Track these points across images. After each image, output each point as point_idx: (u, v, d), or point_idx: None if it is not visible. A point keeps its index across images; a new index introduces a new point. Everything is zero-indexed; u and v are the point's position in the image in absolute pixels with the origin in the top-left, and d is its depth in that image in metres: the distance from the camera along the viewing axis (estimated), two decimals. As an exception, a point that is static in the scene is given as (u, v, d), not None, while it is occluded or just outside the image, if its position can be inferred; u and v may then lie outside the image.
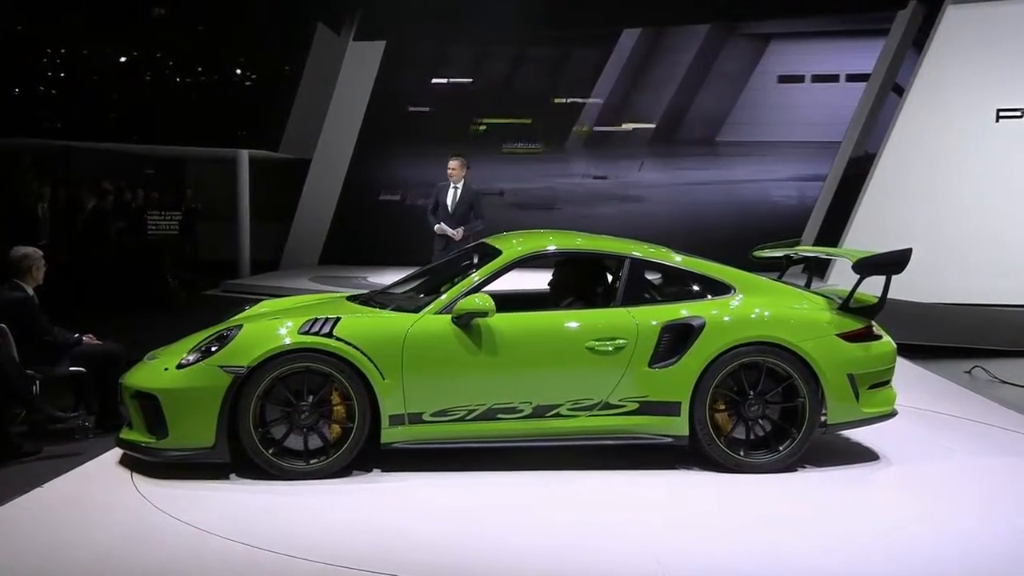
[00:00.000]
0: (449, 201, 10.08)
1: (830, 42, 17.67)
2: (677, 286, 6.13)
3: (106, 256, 13.23)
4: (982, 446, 6.38)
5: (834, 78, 17.47)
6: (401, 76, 18.00)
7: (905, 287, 11.59)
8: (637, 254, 5.93)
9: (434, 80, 18.20)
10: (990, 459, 6.05)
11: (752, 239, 7.27)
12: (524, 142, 17.96)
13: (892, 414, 5.85)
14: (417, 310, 5.64)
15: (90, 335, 6.74)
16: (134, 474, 5.46)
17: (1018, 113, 14.80)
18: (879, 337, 5.80)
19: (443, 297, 5.66)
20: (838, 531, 4.72)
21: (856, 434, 6.26)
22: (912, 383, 8.26)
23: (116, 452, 5.87)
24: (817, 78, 17.55)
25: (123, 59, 17.92)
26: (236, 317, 6.23)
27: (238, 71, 18.25)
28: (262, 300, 7.21)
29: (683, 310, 5.64)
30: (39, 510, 4.91)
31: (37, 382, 6.25)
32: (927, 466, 5.89)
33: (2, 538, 4.51)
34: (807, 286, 6.47)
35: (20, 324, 6.30)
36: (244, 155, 17.16)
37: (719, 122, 17.73)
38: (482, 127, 18.03)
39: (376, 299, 6.20)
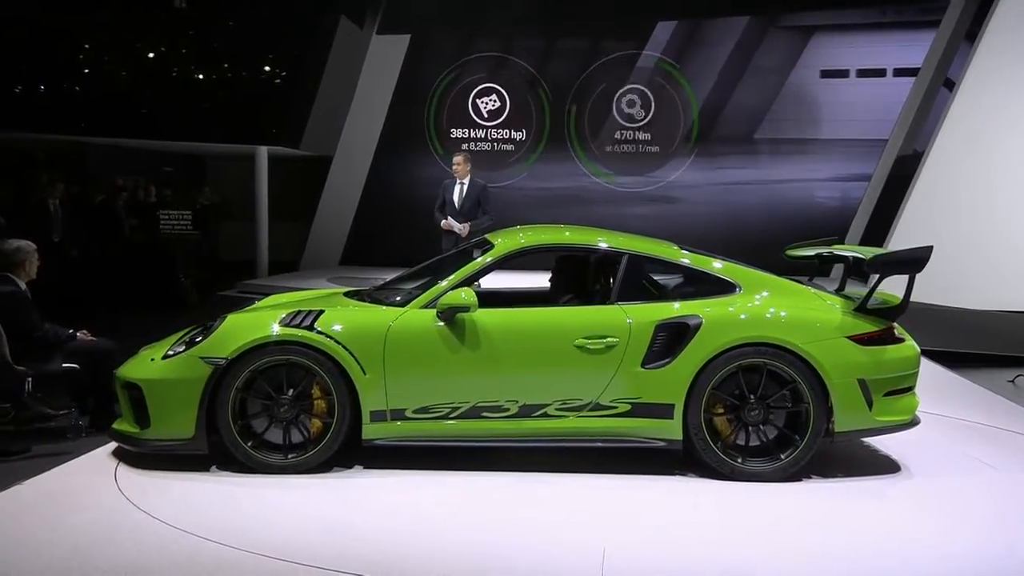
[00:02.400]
0: (456, 197, 10.22)
1: (876, 34, 17.27)
2: (680, 284, 6.07)
3: (115, 253, 13.42)
4: (1010, 459, 6.21)
5: (880, 72, 17.08)
6: (426, 73, 17.94)
7: (956, 292, 11.58)
8: (634, 250, 5.88)
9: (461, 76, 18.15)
10: (1017, 474, 5.89)
11: (793, 241, 7.16)
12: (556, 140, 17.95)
13: (912, 423, 5.69)
14: (404, 304, 5.72)
15: (84, 331, 6.87)
16: (118, 469, 5.61)
17: (1078, 108, 14.49)
18: (900, 340, 5.63)
19: (428, 292, 5.72)
20: (811, 544, 4.66)
21: (878, 444, 6.19)
22: (948, 391, 8.29)
23: (104, 449, 6.03)
24: (862, 72, 17.16)
25: (151, 55, 18.09)
26: (238, 311, 6.36)
27: (258, 66, 18.27)
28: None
29: (680, 308, 5.57)
30: (15, 507, 5.04)
31: (29, 379, 6.40)
32: (943, 480, 5.72)
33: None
34: (841, 287, 6.40)
35: (11, 319, 6.41)
36: (263, 152, 17.19)
37: (758, 119, 17.41)
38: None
39: (372, 294, 6.28)
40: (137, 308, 12.53)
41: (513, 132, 17.98)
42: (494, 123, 18.04)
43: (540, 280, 6.76)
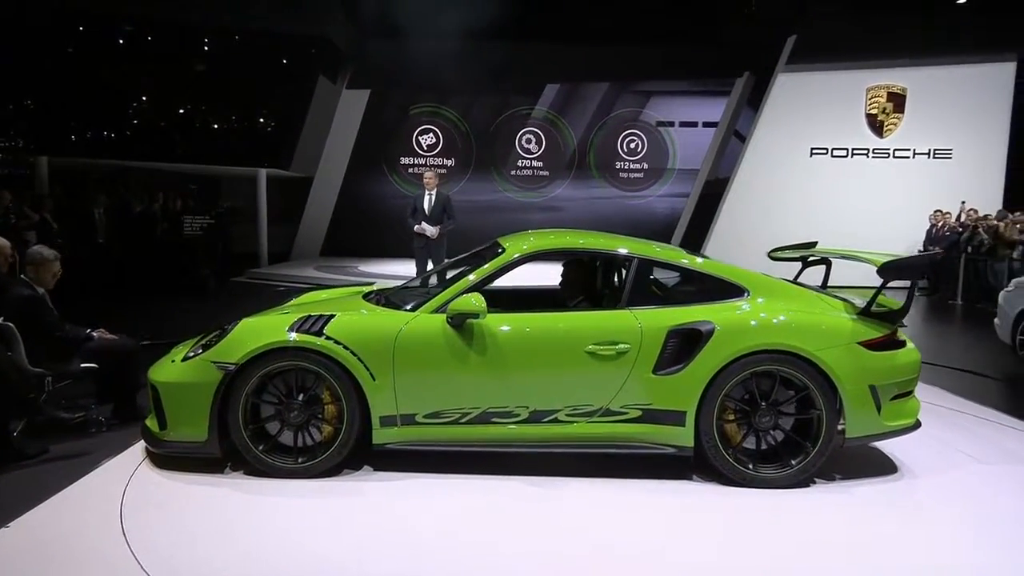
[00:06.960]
0: (426, 206, 8.16)
1: (691, 98, 16.19)
2: (687, 288, 4.02)
3: (149, 250, 10.91)
4: (981, 446, 4.29)
5: (694, 124, 16.05)
6: (382, 117, 15.96)
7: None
8: (644, 254, 3.79)
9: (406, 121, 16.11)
10: (1003, 465, 4.00)
11: (638, 236, 5.21)
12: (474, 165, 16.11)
13: (916, 426, 3.71)
14: (415, 310, 3.67)
15: (102, 330, 4.62)
16: (123, 503, 3.36)
17: (824, 150, 14.72)
18: (903, 344, 3.69)
19: (438, 297, 3.66)
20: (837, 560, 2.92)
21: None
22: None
23: (114, 464, 3.82)
24: (683, 123, 16.12)
25: (181, 110, 15.65)
26: (278, 307, 4.23)
27: (259, 112, 16.01)
28: (283, 285, 5.22)
29: (692, 314, 3.57)
30: (15, 543, 2.89)
31: (48, 379, 4.23)
32: (941, 478, 3.76)
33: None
34: (823, 287, 4.33)
35: (30, 321, 4.23)
36: (263, 173, 15.06)
37: (614, 153, 16.12)
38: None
39: (389, 297, 4.09)
40: (167, 294, 10.14)
41: (445, 160, 16.09)
42: (432, 153, 16.12)
43: (551, 275, 4.57)
